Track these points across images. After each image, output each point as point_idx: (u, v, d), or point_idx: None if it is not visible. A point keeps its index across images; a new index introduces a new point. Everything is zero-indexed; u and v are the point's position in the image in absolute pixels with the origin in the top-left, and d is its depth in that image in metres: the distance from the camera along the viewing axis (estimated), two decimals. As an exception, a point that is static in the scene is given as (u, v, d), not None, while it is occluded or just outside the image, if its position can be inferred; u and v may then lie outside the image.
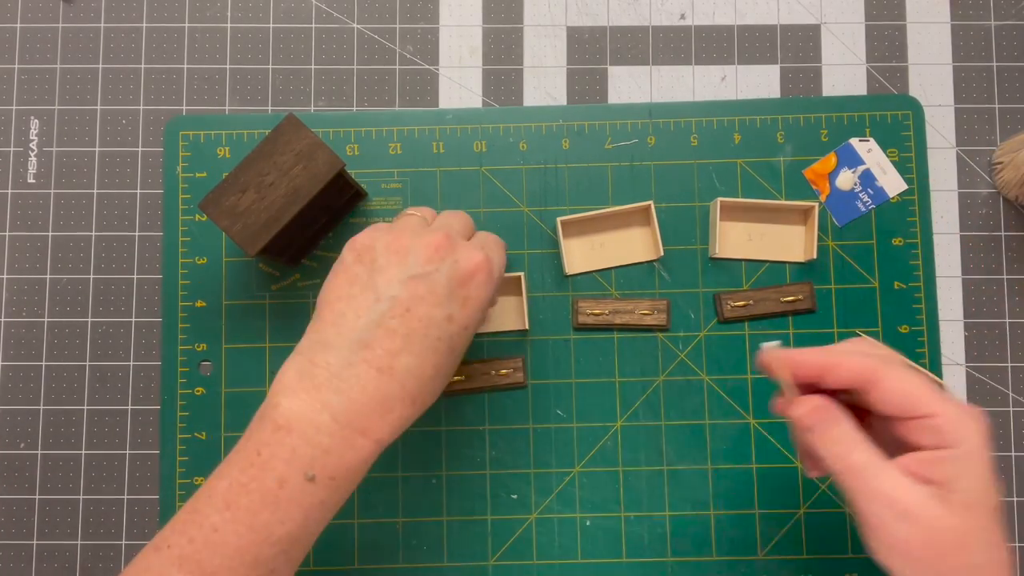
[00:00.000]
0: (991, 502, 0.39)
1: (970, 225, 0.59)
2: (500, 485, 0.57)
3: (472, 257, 0.44)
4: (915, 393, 0.40)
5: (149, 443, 0.57)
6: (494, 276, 0.45)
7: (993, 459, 0.39)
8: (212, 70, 0.60)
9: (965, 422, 0.39)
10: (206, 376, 0.57)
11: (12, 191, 0.59)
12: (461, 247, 0.44)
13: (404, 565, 0.56)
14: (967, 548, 0.38)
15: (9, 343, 0.58)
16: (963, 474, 0.39)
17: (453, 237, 0.45)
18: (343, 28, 0.61)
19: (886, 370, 0.40)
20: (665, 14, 0.61)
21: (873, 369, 0.40)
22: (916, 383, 0.40)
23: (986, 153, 0.60)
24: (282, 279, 0.58)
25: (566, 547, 0.56)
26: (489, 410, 0.57)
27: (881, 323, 0.58)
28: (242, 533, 0.40)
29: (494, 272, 0.45)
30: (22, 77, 0.60)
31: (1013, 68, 0.60)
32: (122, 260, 0.59)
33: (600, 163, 0.59)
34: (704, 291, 0.58)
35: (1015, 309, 0.58)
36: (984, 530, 0.39)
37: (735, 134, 0.59)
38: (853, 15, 0.61)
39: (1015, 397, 0.58)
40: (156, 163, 0.59)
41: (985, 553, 0.38)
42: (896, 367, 0.40)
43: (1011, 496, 0.57)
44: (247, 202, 0.50)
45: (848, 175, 0.59)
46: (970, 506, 0.38)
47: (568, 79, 0.60)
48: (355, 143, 0.59)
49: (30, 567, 0.57)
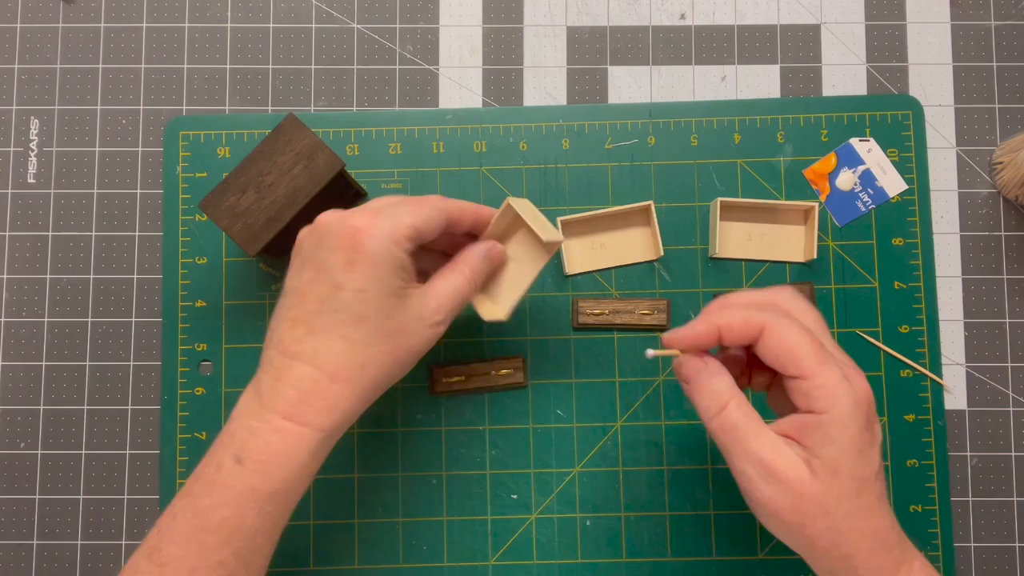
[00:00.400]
0: (861, 471, 0.39)
1: (970, 225, 0.59)
2: (500, 485, 0.57)
3: (347, 220, 0.43)
4: (792, 351, 0.40)
5: (149, 443, 0.57)
6: (380, 233, 0.43)
7: (872, 427, 0.39)
8: (212, 70, 0.60)
9: (836, 388, 0.39)
10: (206, 376, 0.57)
11: (12, 191, 0.59)
12: (347, 216, 0.44)
13: (404, 565, 0.56)
14: (830, 514, 0.39)
15: (9, 343, 0.58)
16: (829, 440, 0.39)
17: (349, 213, 0.44)
18: (343, 28, 0.61)
19: (770, 325, 0.40)
20: (665, 14, 0.61)
21: (758, 324, 0.40)
22: (795, 341, 0.40)
23: (986, 153, 0.60)
24: (282, 279, 0.58)
25: (566, 547, 0.56)
26: (489, 410, 0.57)
27: (881, 323, 0.58)
28: (189, 519, 0.42)
29: (378, 229, 0.43)
30: (22, 77, 0.60)
31: (1013, 68, 0.60)
32: (122, 260, 0.59)
33: (600, 163, 0.59)
34: (704, 291, 0.58)
35: (1015, 309, 0.58)
36: (849, 499, 0.39)
37: (735, 134, 0.59)
38: (853, 15, 0.61)
39: (1015, 397, 0.58)
40: (156, 163, 0.59)
41: (847, 520, 0.39)
42: (781, 322, 0.40)
43: (1011, 496, 0.57)
44: (247, 202, 0.50)
45: (848, 175, 0.59)
46: (836, 472, 0.38)
47: (568, 79, 0.60)
48: (355, 143, 0.59)
49: (30, 567, 0.57)
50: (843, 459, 0.39)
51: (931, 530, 0.56)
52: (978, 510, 0.57)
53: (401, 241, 0.43)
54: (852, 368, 0.41)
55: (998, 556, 0.57)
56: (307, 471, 0.43)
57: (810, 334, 0.40)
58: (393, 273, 0.43)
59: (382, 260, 0.43)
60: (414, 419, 0.57)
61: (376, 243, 0.43)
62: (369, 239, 0.43)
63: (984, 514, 0.57)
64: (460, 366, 0.57)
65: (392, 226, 0.43)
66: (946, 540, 0.56)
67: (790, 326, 0.40)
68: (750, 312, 0.41)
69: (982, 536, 0.57)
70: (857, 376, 0.40)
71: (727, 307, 0.42)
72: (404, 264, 0.44)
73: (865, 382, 0.40)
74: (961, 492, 0.57)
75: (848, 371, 0.40)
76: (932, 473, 0.56)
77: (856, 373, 0.41)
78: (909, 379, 0.57)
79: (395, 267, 0.43)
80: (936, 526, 0.56)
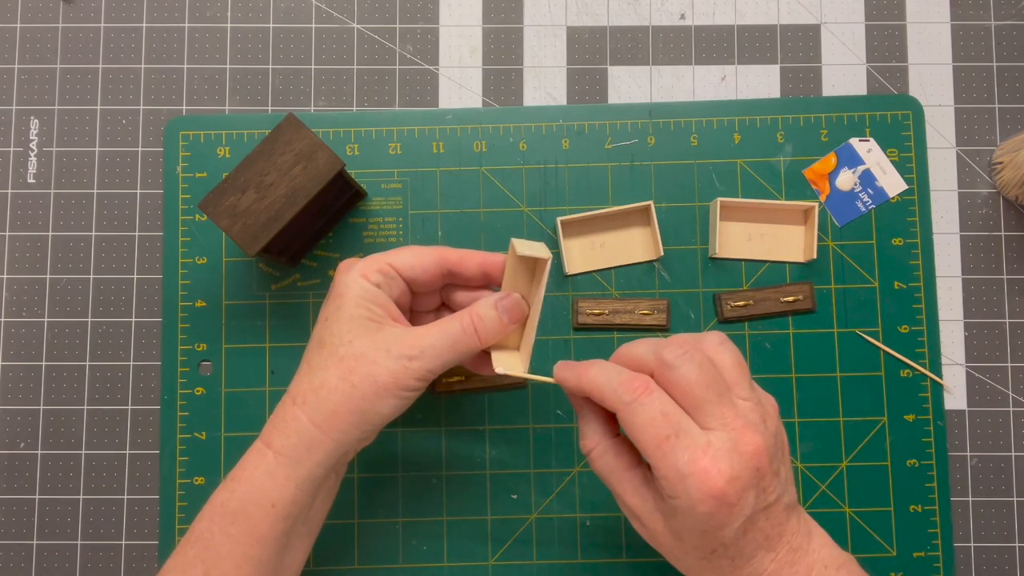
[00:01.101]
0: (708, 544, 0.40)
1: (970, 225, 0.59)
2: (500, 485, 0.57)
3: (341, 264, 0.48)
4: (637, 439, 0.40)
5: (149, 443, 0.57)
6: (353, 268, 0.46)
7: (735, 503, 0.38)
8: (212, 70, 0.60)
9: (676, 484, 0.38)
10: (206, 376, 0.57)
11: (12, 191, 0.59)
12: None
13: (404, 565, 0.56)
14: (682, 561, 0.42)
15: (9, 343, 0.58)
16: (673, 514, 0.40)
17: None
18: (343, 28, 0.61)
19: (621, 409, 0.40)
20: (665, 14, 0.61)
21: (612, 405, 0.41)
22: (639, 433, 0.39)
23: (986, 153, 0.60)
24: (282, 279, 0.58)
25: (566, 547, 0.56)
26: (489, 410, 0.57)
27: (881, 323, 0.58)
28: (189, 532, 0.46)
29: (353, 267, 0.46)
30: (22, 77, 0.60)
31: (1013, 68, 0.60)
32: (122, 260, 0.59)
33: (600, 163, 0.59)
34: (704, 291, 0.58)
35: (1015, 309, 0.58)
36: (697, 558, 0.41)
37: (735, 134, 0.59)
38: (853, 15, 0.61)
39: (1015, 397, 0.58)
40: (156, 163, 0.59)
41: (698, 571, 0.42)
42: (631, 408, 0.39)
43: (1011, 496, 0.57)
44: (247, 202, 0.50)
45: (848, 175, 0.59)
46: (681, 538, 0.40)
47: (568, 79, 0.60)
48: (355, 143, 0.59)
49: (30, 567, 0.57)
50: (686, 534, 0.40)
51: (931, 530, 0.56)
52: (978, 510, 0.57)
53: (369, 274, 0.46)
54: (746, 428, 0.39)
55: (998, 556, 0.57)
56: (266, 496, 0.43)
57: (664, 419, 0.39)
58: (356, 303, 0.45)
59: (346, 290, 0.45)
60: (414, 419, 0.57)
61: (346, 276, 0.46)
62: (340, 274, 0.46)
63: (984, 514, 0.57)
64: (460, 366, 0.57)
65: (366, 263, 0.46)
66: (946, 540, 0.56)
67: (640, 411, 0.39)
68: (611, 386, 0.40)
69: (982, 536, 0.57)
70: (704, 468, 0.38)
71: (599, 368, 0.42)
72: (372, 296, 0.45)
73: (751, 444, 0.39)
74: (961, 492, 0.57)
75: (740, 433, 0.39)
76: (932, 473, 0.56)
77: (748, 434, 0.39)
78: (909, 379, 0.57)
79: (359, 297, 0.45)
80: (936, 526, 0.56)
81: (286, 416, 0.44)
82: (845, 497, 0.56)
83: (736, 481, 0.38)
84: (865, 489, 0.56)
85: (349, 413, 0.43)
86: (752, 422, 0.40)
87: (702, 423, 0.39)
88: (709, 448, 0.38)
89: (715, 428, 0.39)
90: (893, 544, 0.56)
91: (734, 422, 0.39)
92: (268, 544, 0.44)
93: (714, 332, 0.42)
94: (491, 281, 0.48)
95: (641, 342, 0.42)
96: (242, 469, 0.45)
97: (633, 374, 0.41)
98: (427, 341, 0.44)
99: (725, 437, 0.39)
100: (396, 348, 0.44)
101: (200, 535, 0.44)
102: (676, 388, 0.40)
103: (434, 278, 0.47)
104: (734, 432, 0.39)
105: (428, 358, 0.44)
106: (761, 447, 0.39)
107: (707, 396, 0.39)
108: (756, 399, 0.41)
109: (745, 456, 0.39)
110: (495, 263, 0.47)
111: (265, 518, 0.43)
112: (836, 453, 0.57)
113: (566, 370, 0.43)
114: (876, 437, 0.57)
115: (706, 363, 0.40)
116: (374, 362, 0.43)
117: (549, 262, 0.45)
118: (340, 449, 0.44)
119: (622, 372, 0.41)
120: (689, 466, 0.38)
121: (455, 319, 0.45)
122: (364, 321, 0.44)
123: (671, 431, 0.39)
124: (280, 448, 0.44)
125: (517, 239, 0.46)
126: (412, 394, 0.45)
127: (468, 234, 0.58)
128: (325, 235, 0.58)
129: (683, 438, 0.39)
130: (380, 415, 0.44)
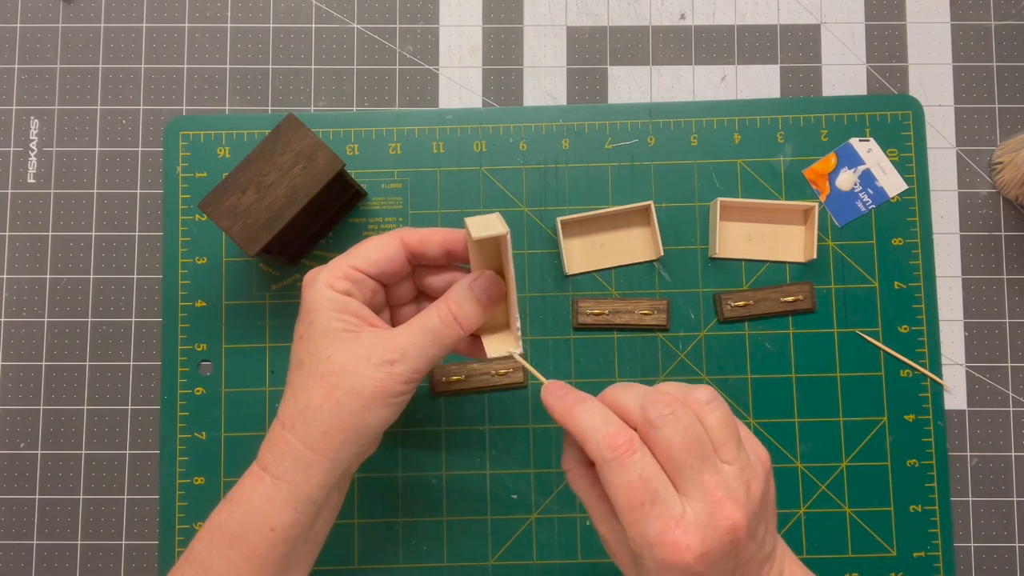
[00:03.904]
0: None
1: (970, 225, 0.59)
2: (500, 485, 0.57)
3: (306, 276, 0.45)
4: (613, 499, 0.38)
5: (149, 443, 0.57)
6: (317, 278, 0.44)
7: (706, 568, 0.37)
8: (212, 70, 0.60)
9: (642, 551, 0.37)
10: (206, 376, 0.57)
11: (12, 191, 0.59)
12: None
13: (404, 565, 0.56)
14: None
15: (9, 343, 0.58)
16: (640, 565, 0.38)
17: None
18: (343, 28, 0.61)
19: (600, 464, 0.38)
20: (665, 14, 0.61)
21: (592, 455, 0.39)
22: (615, 494, 0.38)
23: (986, 153, 0.60)
24: (282, 279, 0.58)
25: (566, 547, 0.56)
26: (489, 410, 0.57)
27: (881, 323, 0.58)
28: (187, 552, 0.45)
29: (317, 277, 0.44)
30: (22, 77, 0.60)
31: (1013, 68, 0.60)
32: (122, 260, 0.59)
33: (600, 163, 0.59)
34: (704, 291, 0.58)
35: (1015, 309, 0.58)
36: None
37: (735, 134, 0.59)
38: (853, 15, 0.61)
39: (1015, 397, 0.58)
40: (156, 163, 0.59)
41: None
42: (609, 466, 0.38)
43: (1011, 496, 0.57)
44: (247, 202, 0.50)
45: (848, 175, 0.59)
46: None
47: (568, 79, 0.60)
48: (355, 143, 0.59)
49: (30, 567, 0.57)
50: None
51: (931, 530, 0.56)
52: (978, 510, 0.57)
53: (335, 282, 0.44)
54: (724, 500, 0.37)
55: (998, 556, 0.57)
56: (265, 520, 0.43)
57: (641, 484, 0.37)
58: (328, 316, 0.43)
59: (316, 304, 0.43)
60: (414, 419, 0.57)
61: (312, 290, 0.44)
62: (307, 287, 0.44)
63: (984, 514, 0.57)
64: (460, 366, 0.57)
65: (329, 270, 0.44)
66: (946, 540, 0.56)
67: (618, 471, 0.37)
68: (595, 437, 0.38)
69: (982, 536, 0.57)
70: (705, 523, 0.37)
71: (586, 410, 0.39)
72: (343, 305, 0.43)
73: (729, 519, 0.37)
74: (961, 492, 0.57)
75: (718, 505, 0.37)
76: (932, 473, 0.56)
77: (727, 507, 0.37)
78: (909, 379, 0.57)
79: (329, 309, 0.43)
80: (936, 526, 0.56)
81: (278, 441, 0.43)
82: (845, 497, 0.56)
83: (707, 556, 0.36)
84: (865, 489, 0.57)
85: (339, 431, 0.42)
86: (733, 493, 0.37)
87: (681, 489, 0.38)
88: (682, 520, 0.37)
89: (694, 496, 0.37)
90: (893, 544, 0.56)
91: (714, 492, 0.37)
92: (267, 567, 0.43)
93: (704, 388, 0.40)
94: (456, 259, 0.46)
95: (630, 389, 0.40)
96: (240, 492, 0.44)
97: (619, 427, 0.38)
98: (407, 341, 0.42)
99: (702, 509, 0.37)
100: (376, 355, 0.42)
101: (198, 556, 0.43)
102: (658, 449, 0.38)
103: (400, 266, 0.45)
104: (711, 504, 0.37)
105: (411, 358, 0.42)
106: (739, 522, 0.37)
107: (688, 461, 0.37)
108: (743, 462, 0.39)
109: (720, 531, 0.37)
110: (457, 239, 0.45)
111: (263, 542, 0.43)
112: (836, 453, 0.57)
113: (554, 397, 0.41)
114: (876, 437, 0.57)
115: (692, 425, 0.38)
116: (356, 374, 0.42)
117: (508, 236, 0.42)
118: (338, 468, 0.43)
119: (609, 423, 0.39)
120: (659, 537, 0.36)
121: (432, 311, 0.43)
122: (339, 333, 0.43)
123: (647, 498, 0.37)
124: (276, 472, 0.43)
125: (470, 218, 0.42)
126: (401, 399, 0.43)
127: (468, 234, 0.58)
128: (325, 235, 0.58)
129: (657, 506, 0.37)
130: (371, 427, 0.43)
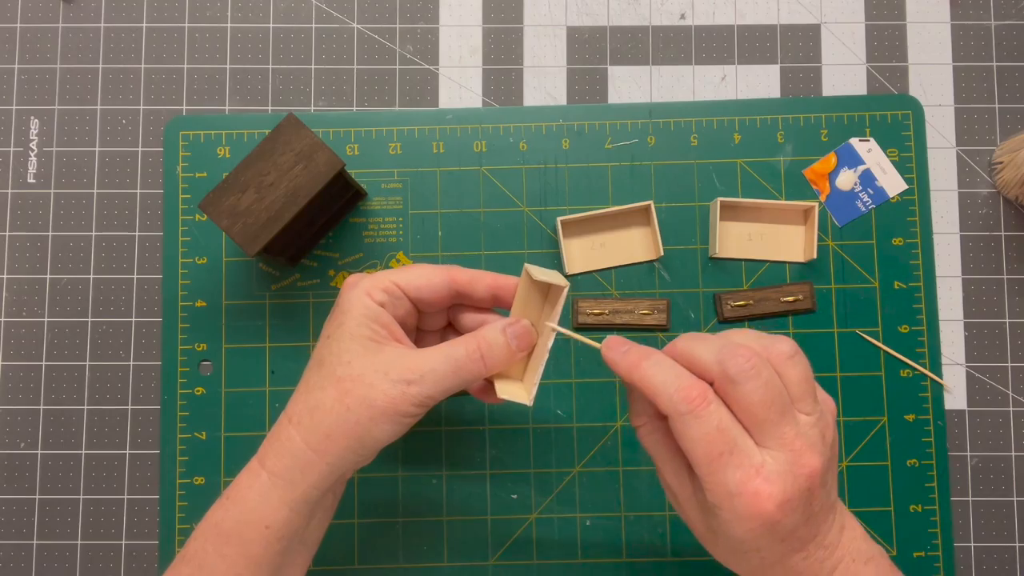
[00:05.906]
0: (741, 548, 0.39)
1: (970, 225, 0.59)
2: (500, 485, 0.57)
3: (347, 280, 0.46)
4: (688, 452, 0.38)
5: (149, 443, 0.57)
6: (357, 284, 0.45)
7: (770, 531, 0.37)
8: (212, 70, 0.60)
9: (723, 501, 0.37)
10: (206, 376, 0.57)
11: (12, 191, 0.59)
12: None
13: (404, 565, 0.56)
14: (709, 545, 0.42)
15: (9, 343, 0.58)
16: (715, 518, 0.39)
17: None
18: (343, 28, 0.61)
19: (673, 418, 0.38)
20: (665, 14, 0.61)
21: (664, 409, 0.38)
22: (691, 446, 0.38)
23: (986, 153, 0.60)
24: (282, 279, 0.58)
25: (566, 547, 0.56)
26: (489, 410, 0.57)
27: (881, 323, 0.58)
28: (184, 550, 0.45)
29: (358, 284, 0.45)
30: (22, 77, 0.60)
31: (1013, 68, 0.60)
32: (122, 260, 0.59)
33: (600, 163, 0.59)
34: (704, 291, 0.58)
35: (1015, 309, 0.58)
36: (726, 553, 0.41)
37: (735, 134, 0.59)
38: (853, 15, 0.61)
39: (1015, 397, 0.58)
40: (156, 163, 0.59)
41: (733, 564, 0.41)
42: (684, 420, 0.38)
43: (1011, 496, 0.57)
44: (247, 202, 0.50)
45: (848, 175, 0.59)
46: (716, 533, 0.40)
47: (568, 79, 0.60)
48: (355, 143, 0.59)
49: (30, 567, 0.57)
50: (722, 535, 0.39)
51: (931, 530, 0.56)
52: (978, 510, 0.57)
53: (373, 292, 0.44)
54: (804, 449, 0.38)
55: (998, 556, 0.57)
56: (260, 518, 0.43)
57: (719, 435, 0.37)
58: (358, 321, 0.43)
59: (349, 307, 0.44)
60: (414, 419, 0.57)
61: (350, 293, 0.44)
62: (346, 290, 0.45)
63: (984, 514, 0.57)
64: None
65: (372, 279, 0.45)
66: (946, 540, 0.56)
67: (695, 424, 0.37)
68: (667, 391, 0.38)
69: (982, 536, 0.57)
70: (750, 499, 0.37)
71: (655, 364, 0.39)
72: (375, 315, 0.44)
73: (808, 466, 0.37)
74: (961, 492, 0.57)
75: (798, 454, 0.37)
76: (932, 473, 0.57)
77: (806, 455, 0.38)
78: (909, 379, 0.57)
79: (361, 315, 0.43)
80: (936, 526, 0.56)
81: (281, 436, 0.43)
82: (845, 497, 0.56)
83: (786, 504, 0.37)
84: (865, 489, 0.57)
85: (344, 437, 0.42)
86: (811, 442, 0.38)
87: (759, 440, 0.38)
88: (763, 469, 0.37)
89: (772, 447, 0.37)
90: (893, 544, 0.56)
91: (794, 443, 0.37)
92: (263, 565, 0.43)
93: (785, 340, 0.39)
94: (501, 304, 0.47)
95: (706, 341, 0.40)
96: (236, 489, 0.44)
97: (691, 380, 0.38)
98: (429, 365, 0.42)
99: (782, 458, 0.37)
100: (395, 371, 0.42)
101: (195, 554, 0.43)
102: (737, 404, 0.38)
103: (442, 299, 0.46)
104: (791, 454, 0.37)
105: (428, 383, 0.42)
106: (817, 469, 0.38)
107: (769, 416, 0.37)
108: (819, 412, 0.39)
109: (799, 479, 0.37)
110: (507, 286, 0.46)
111: (259, 540, 0.43)
112: (836, 453, 0.57)
113: (617, 353, 0.40)
114: (876, 437, 0.57)
115: (772, 380, 0.38)
116: (371, 385, 0.42)
117: (566, 290, 0.43)
118: (335, 472, 0.43)
119: (680, 376, 0.38)
120: (739, 487, 0.37)
121: (460, 343, 0.43)
122: (365, 341, 0.43)
123: (725, 448, 0.37)
124: (274, 469, 0.43)
125: (531, 264, 0.44)
126: (410, 420, 0.43)
127: (468, 234, 0.58)
128: (325, 235, 0.58)
129: (736, 456, 0.37)
130: (376, 440, 0.42)
